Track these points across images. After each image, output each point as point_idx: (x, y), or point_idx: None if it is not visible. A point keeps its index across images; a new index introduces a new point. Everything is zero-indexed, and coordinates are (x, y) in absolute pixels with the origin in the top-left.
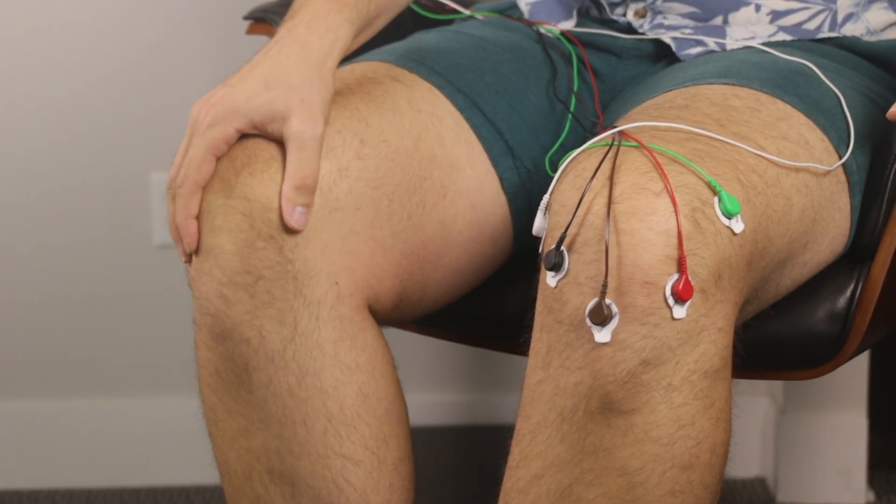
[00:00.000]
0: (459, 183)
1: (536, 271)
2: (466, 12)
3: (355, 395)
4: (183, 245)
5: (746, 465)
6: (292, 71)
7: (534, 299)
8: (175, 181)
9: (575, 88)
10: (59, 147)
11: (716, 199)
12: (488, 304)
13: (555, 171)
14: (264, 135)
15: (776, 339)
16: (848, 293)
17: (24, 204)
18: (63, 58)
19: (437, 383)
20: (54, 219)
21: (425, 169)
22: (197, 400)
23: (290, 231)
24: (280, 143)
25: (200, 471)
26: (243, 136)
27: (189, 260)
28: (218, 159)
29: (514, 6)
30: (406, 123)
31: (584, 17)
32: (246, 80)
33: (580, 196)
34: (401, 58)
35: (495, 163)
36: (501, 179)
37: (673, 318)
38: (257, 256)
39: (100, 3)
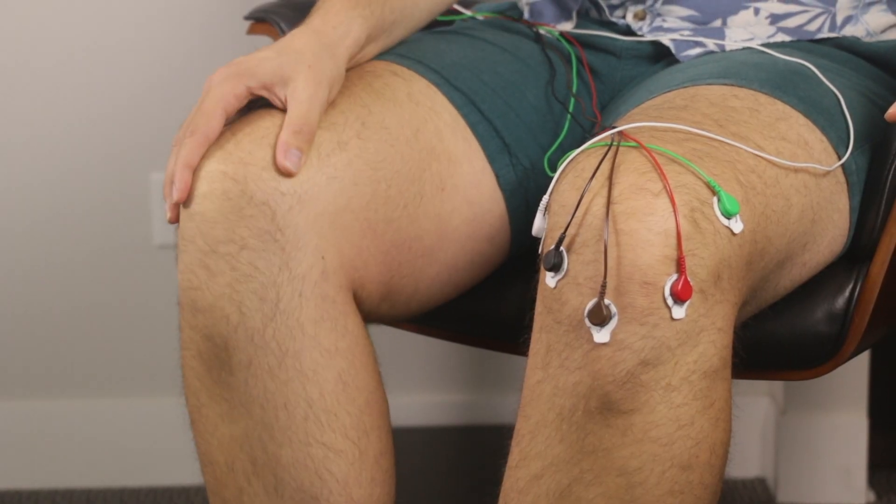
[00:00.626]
0: (457, 178)
1: (536, 272)
2: (467, 13)
3: (335, 381)
4: (172, 194)
5: (746, 465)
6: (305, 46)
7: (533, 300)
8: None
9: (574, 90)
10: (59, 147)
11: (715, 200)
12: (487, 304)
13: (554, 171)
14: (271, 98)
15: (775, 340)
16: (847, 293)
17: (24, 204)
18: (63, 58)
19: (437, 383)
20: (54, 219)
21: (425, 160)
22: None
23: (284, 194)
24: (284, 115)
25: (201, 471)
26: (247, 110)
27: (175, 218)
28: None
29: (514, 7)
30: (406, 114)
31: (583, 19)
32: (259, 51)
33: (579, 196)
34: (399, 56)
35: (492, 160)
36: (498, 177)
37: (672, 319)
38: (244, 224)
39: (99, 3)
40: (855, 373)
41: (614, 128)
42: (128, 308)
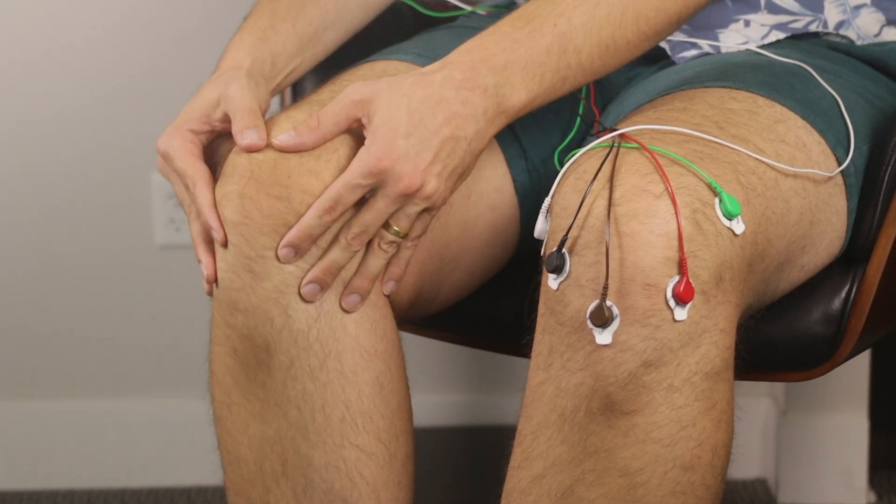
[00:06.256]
0: (481, 184)
1: (537, 273)
2: (468, 8)
3: (372, 383)
4: (215, 236)
5: (747, 466)
6: (216, 77)
7: (535, 301)
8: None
9: (584, 92)
10: (60, 148)
11: (716, 201)
12: (488, 307)
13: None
14: (218, 124)
15: (772, 341)
16: (843, 294)
17: (25, 205)
18: (64, 59)
19: (439, 384)
20: (55, 219)
21: None
22: (198, 401)
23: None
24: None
25: (202, 471)
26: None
27: (212, 282)
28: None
29: (515, 3)
30: None
31: None
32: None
33: (581, 199)
34: (418, 56)
35: (510, 164)
36: (515, 182)
37: (674, 320)
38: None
39: (100, 4)
40: (855, 373)
41: (615, 130)
42: (129, 308)
